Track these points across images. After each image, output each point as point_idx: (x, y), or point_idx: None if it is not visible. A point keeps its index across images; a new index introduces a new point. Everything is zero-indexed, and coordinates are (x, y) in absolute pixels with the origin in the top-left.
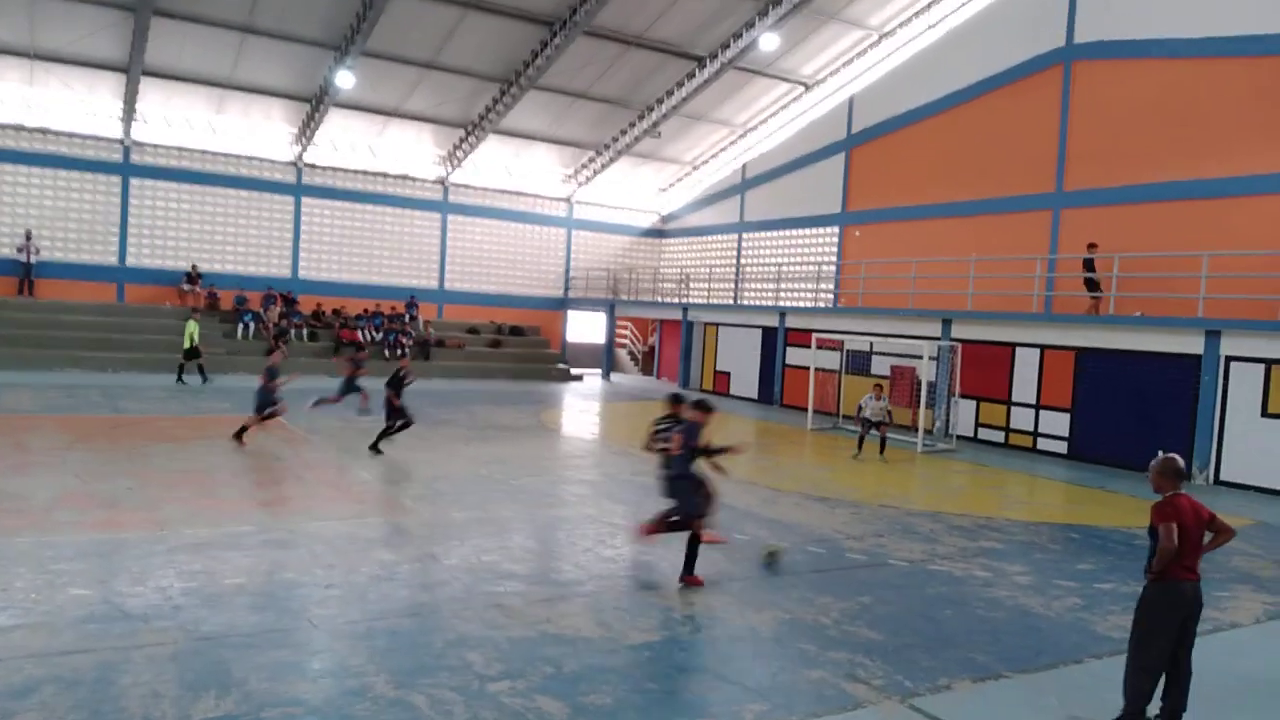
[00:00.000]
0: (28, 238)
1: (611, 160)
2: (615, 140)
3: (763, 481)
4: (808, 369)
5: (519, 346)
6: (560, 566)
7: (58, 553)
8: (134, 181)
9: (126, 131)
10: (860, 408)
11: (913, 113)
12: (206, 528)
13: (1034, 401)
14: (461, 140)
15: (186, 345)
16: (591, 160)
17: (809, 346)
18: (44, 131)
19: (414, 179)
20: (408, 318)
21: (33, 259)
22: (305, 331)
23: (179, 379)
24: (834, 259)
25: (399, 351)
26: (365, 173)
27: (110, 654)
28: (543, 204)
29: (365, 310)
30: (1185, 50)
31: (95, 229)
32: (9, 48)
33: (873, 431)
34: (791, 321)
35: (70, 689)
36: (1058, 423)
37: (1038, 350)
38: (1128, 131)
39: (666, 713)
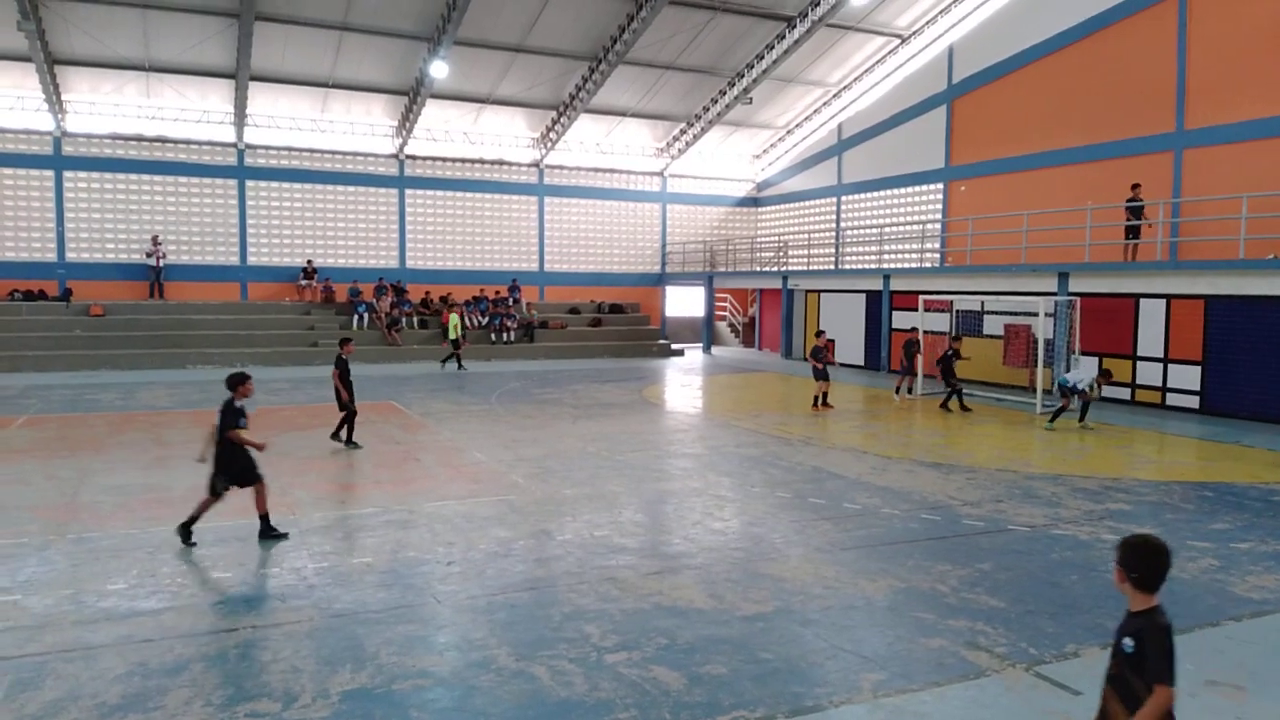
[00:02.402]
0: (155, 243)
1: (703, 131)
2: (706, 110)
3: (872, 449)
4: (915, 332)
5: (619, 324)
6: (670, 539)
7: (199, 539)
8: (249, 183)
9: (239, 136)
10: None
11: (1016, 57)
12: (333, 510)
13: (1161, 355)
14: (554, 121)
15: (451, 336)
16: (683, 132)
17: (916, 309)
18: (163, 140)
19: (509, 163)
20: (511, 301)
21: (161, 263)
22: (415, 319)
23: (448, 364)
24: (939, 217)
25: (505, 336)
26: (463, 160)
27: (251, 633)
28: (636, 180)
29: (472, 296)
30: None
31: (216, 231)
32: (126, 62)
33: (1075, 400)
34: (896, 284)
35: (216, 666)
36: (1188, 376)
37: (1164, 301)
38: (1250, 62)
39: (782, 682)
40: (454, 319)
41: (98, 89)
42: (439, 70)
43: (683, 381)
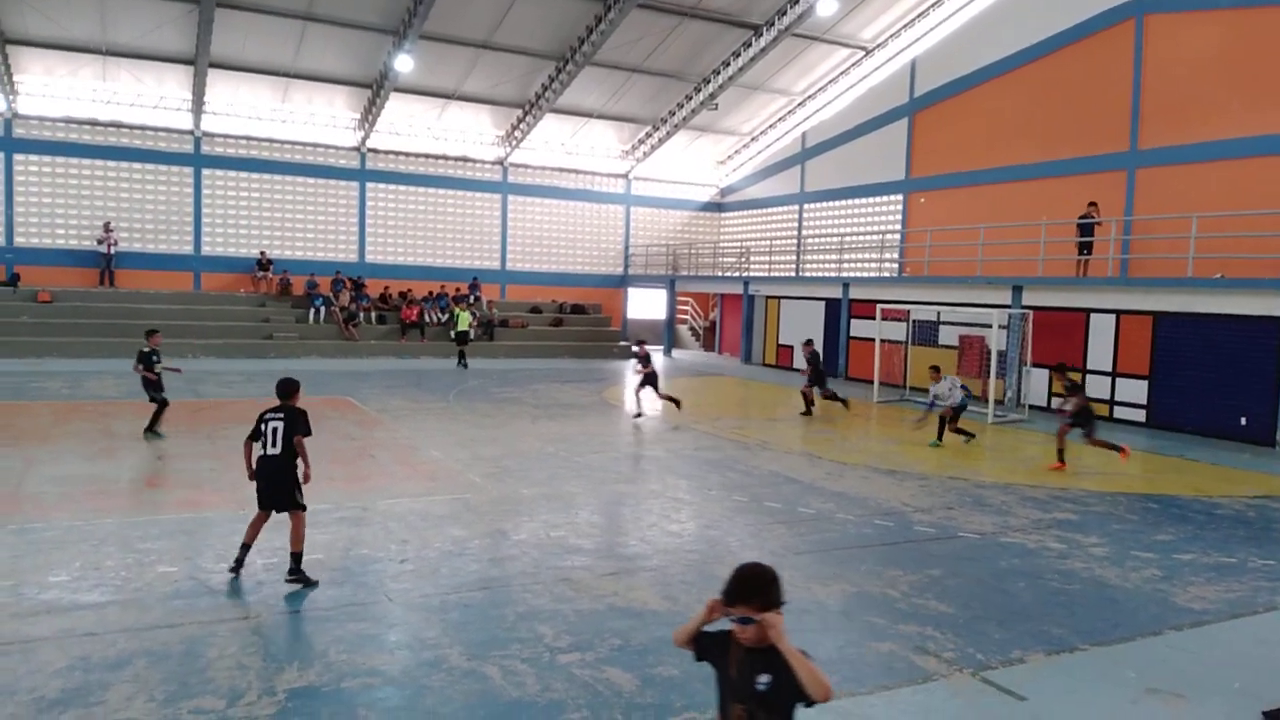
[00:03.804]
0: (107, 229)
1: (669, 135)
2: (672, 114)
3: (827, 455)
4: (873, 340)
5: (580, 325)
6: (626, 541)
7: (144, 532)
8: (205, 172)
9: (196, 123)
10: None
11: (977, 73)
12: None
13: (1110, 369)
14: (519, 120)
15: (460, 329)
16: (648, 135)
17: (874, 318)
18: (118, 125)
19: (473, 160)
20: (471, 299)
21: (112, 250)
22: (374, 314)
23: (461, 362)
24: (898, 227)
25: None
26: (426, 156)
27: (196, 629)
28: (601, 181)
29: (430, 292)
30: None
31: (171, 219)
32: (81, 44)
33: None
34: (855, 292)
35: (160, 662)
36: (1135, 390)
37: (1113, 316)
38: (1203, 86)
39: None
40: (465, 315)
41: (52, 71)
42: (404, 64)
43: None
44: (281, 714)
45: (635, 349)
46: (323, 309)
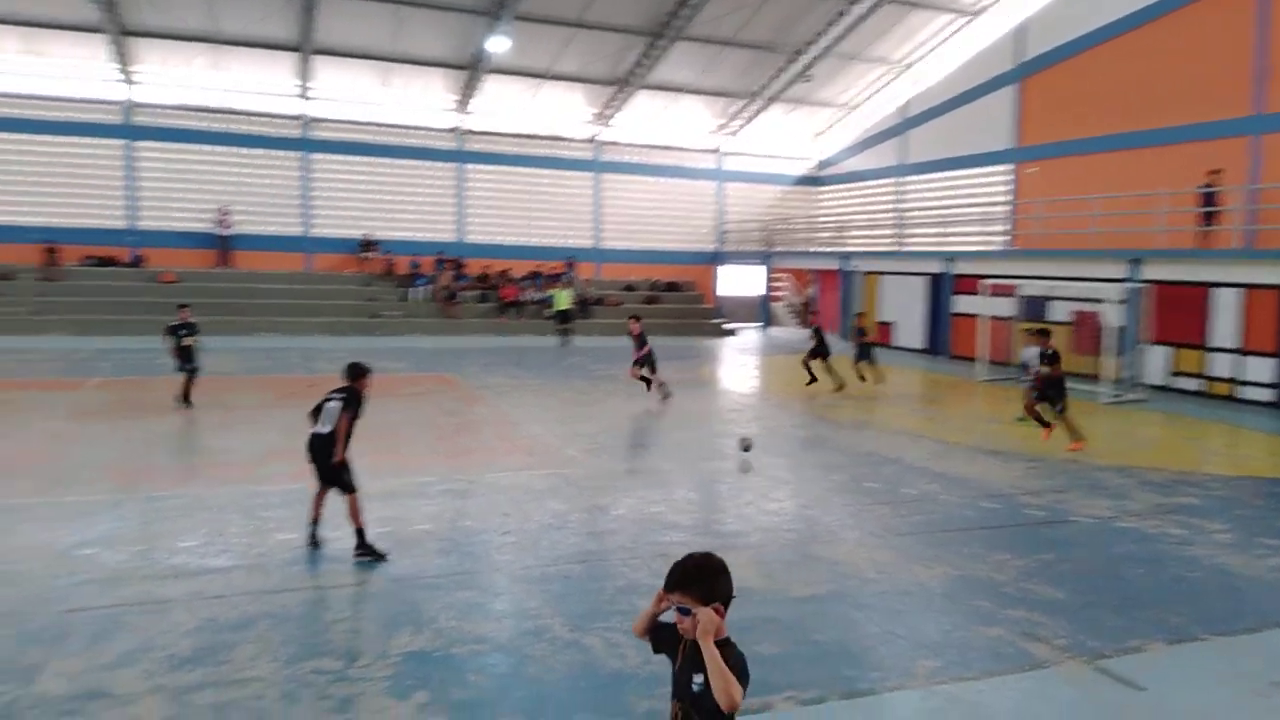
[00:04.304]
0: (223, 213)
1: (762, 108)
2: (765, 87)
3: (931, 434)
4: (977, 317)
5: (674, 302)
6: (723, 519)
7: (266, 501)
8: (313, 156)
9: (303, 109)
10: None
11: (1089, 36)
12: (394, 478)
13: (1235, 346)
14: (611, 98)
15: (560, 308)
16: (741, 109)
17: (979, 293)
18: (230, 112)
19: (567, 139)
20: (567, 277)
21: (229, 232)
22: (474, 294)
23: (564, 339)
24: (1006, 199)
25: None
26: (521, 136)
27: (314, 593)
28: (693, 157)
29: (530, 272)
30: None
31: (281, 202)
32: (194, 34)
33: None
34: (960, 267)
35: (282, 624)
36: (1263, 369)
37: (1239, 290)
38: None
39: (835, 665)
40: (564, 293)
41: (166, 60)
42: (499, 45)
43: (738, 361)
44: (396, 676)
45: (806, 312)
46: (425, 288)
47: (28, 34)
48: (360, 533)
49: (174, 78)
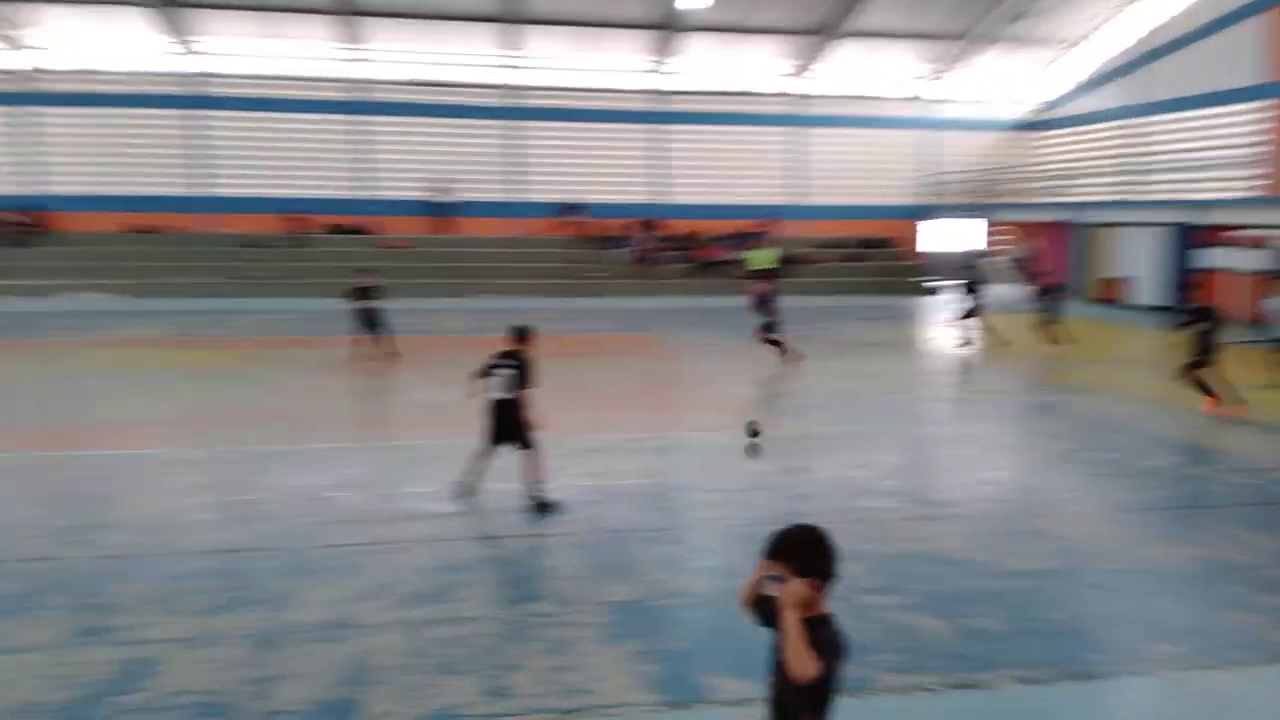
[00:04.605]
0: (444, 181)
1: (975, 50)
2: (976, 27)
3: (1172, 401)
4: (1224, 272)
5: (878, 260)
6: (934, 486)
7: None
8: (522, 123)
9: (511, 78)
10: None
11: None
12: (599, 434)
13: None
14: (810, 48)
15: (758, 267)
16: (952, 52)
17: (1227, 246)
18: (444, 84)
19: (764, 94)
20: (765, 236)
21: (449, 200)
22: (673, 254)
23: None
24: (1264, 139)
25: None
26: (718, 94)
27: (534, 540)
28: (896, 106)
29: (730, 232)
30: None
31: (495, 169)
32: (416, 10)
33: None
34: (1206, 217)
35: (503, 568)
36: None
37: None
38: None
39: (1061, 645)
40: (763, 254)
41: (392, 37)
42: (697, 1)
43: (947, 320)
44: (610, 625)
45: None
46: (625, 250)
47: (264, 18)
48: (538, 485)
49: (398, 53)
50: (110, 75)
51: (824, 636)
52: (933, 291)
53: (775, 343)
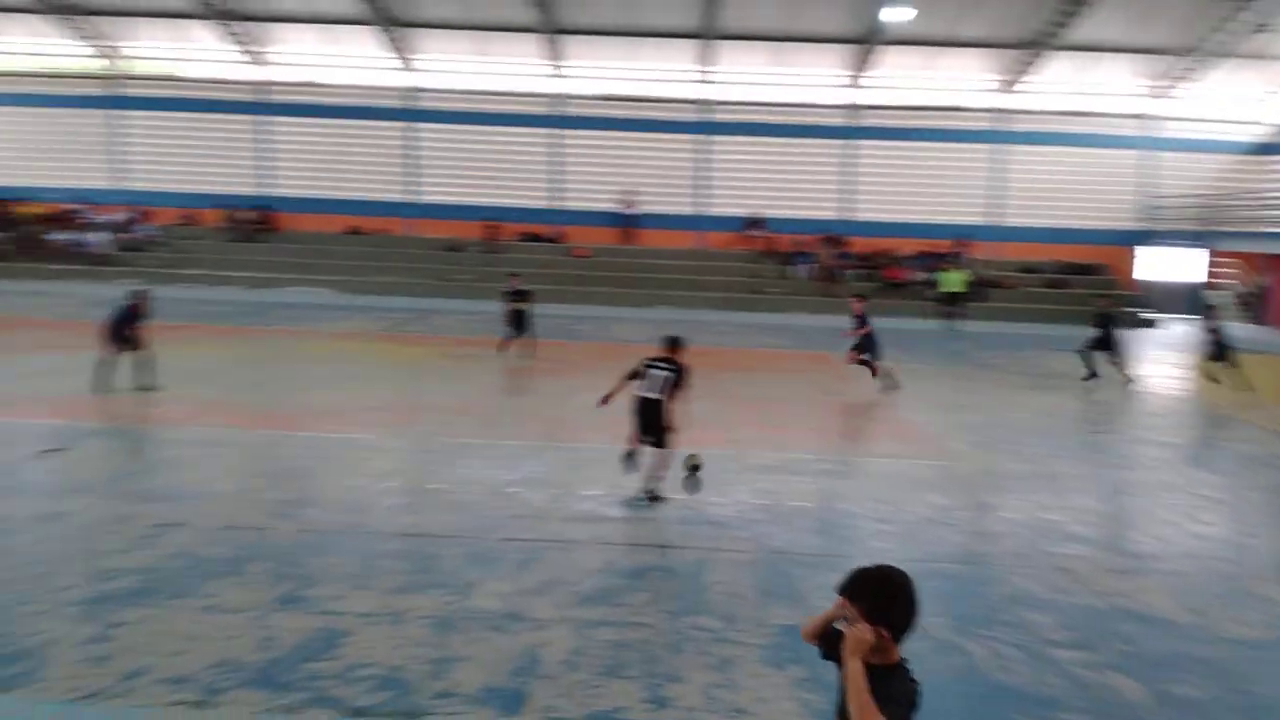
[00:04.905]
0: (628, 193)
1: (1206, 65)
2: (1208, 40)
3: None
4: None
5: (1084, 287)
6: (1136, 536)
7: None
8: (711, 138)
9: (704, 93)
10: None
11: None
12: (772, 452)
13: None
14: (1019, 62)
15: (948, 289)
16: (1179, 67)
17: None
18: (638, 99)
19: (964, 110)
20: (958, 258)
21: (633, 212)
22: (858, 273)
23: (955, 324)
24: None
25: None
26: (914, 109)
27: (697, 553)
28: (1112, 124)
29: (918, 251)
30: None
31: (679, 183)
32: (613, 28)
33: None
34: None
35: (669, 578)
36: None
37: None
38: None
39: None
40: (954, 275)
41: (591, 54)
42: (899, 14)
43: (1161, 358)
44: (773, 648)
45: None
46: (807, 266)
47: (476, 36)
48: (659, 482)
49: (595, 70)
50: (335, 89)
51: (893, 689)
52: (1148, 324)
53: (866, 363)
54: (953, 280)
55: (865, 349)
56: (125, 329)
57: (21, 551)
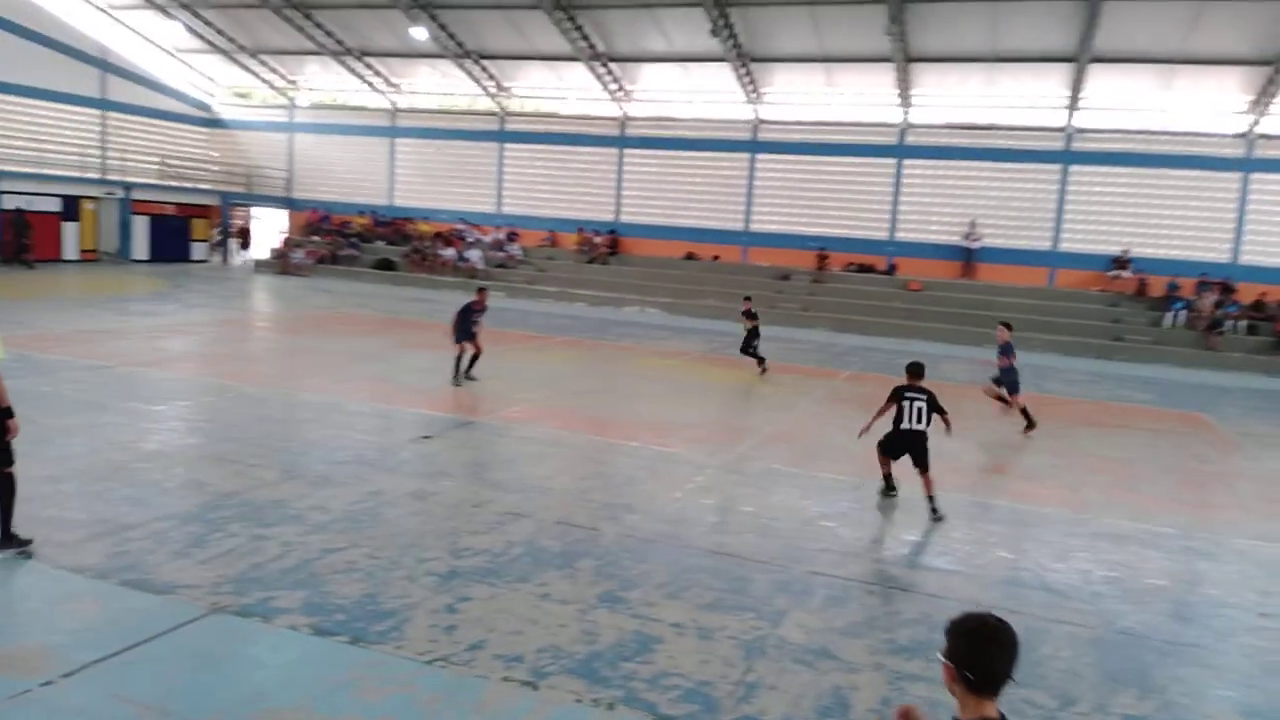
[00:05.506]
0: (972, 226)
1: None
2: None
3: None
4: None
5: None
6: None
7: (986, 514)
8: (1073, 169)
9: (1069, 120)
10: None
11: None
12: (1127, 520)
13: None
14: None
15: None
16: None
17: None
18: (992, 128)
19: None
20: None
21: (976, 245)
22: (1243, 324)
23: None
24: None
25: None
26: None
27: (1033, 621)
28: None
29: None
30: None
31: (1032, 216)
32: (970, 54)
33: None
34: None
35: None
36: None
37: None
38: None
39: None
40: None
41: (942, 82)
42: None
43: None
44: None
45: None
46: (1181, 313)
47: (826, 68)
48: (932, 499)
49: (945, 98)
50: (685, 122)
51: None
52: None
53: (1002, 399)
54: None
55: (1003, 382)
56: (466, 322)
57: (395, 523)
